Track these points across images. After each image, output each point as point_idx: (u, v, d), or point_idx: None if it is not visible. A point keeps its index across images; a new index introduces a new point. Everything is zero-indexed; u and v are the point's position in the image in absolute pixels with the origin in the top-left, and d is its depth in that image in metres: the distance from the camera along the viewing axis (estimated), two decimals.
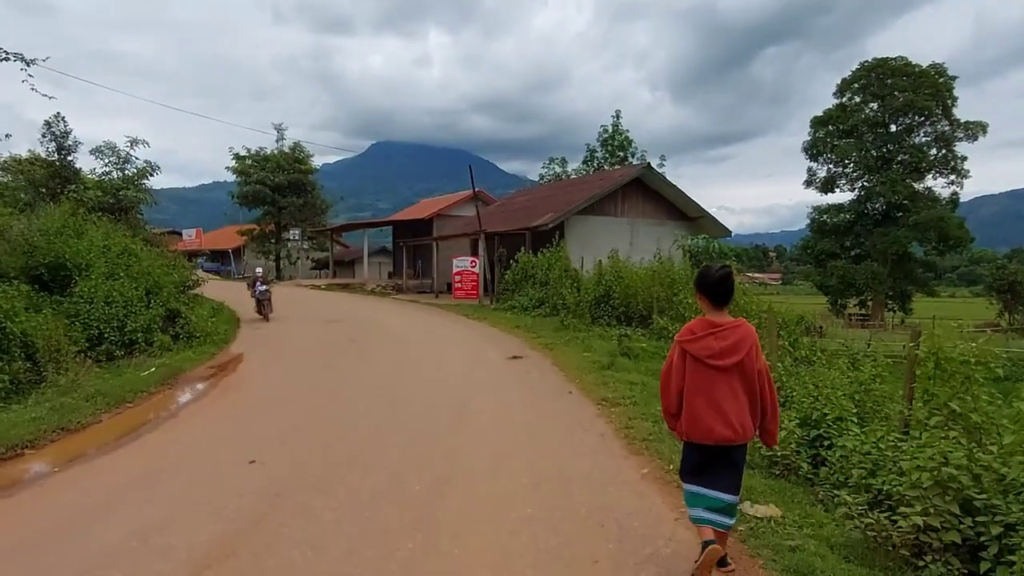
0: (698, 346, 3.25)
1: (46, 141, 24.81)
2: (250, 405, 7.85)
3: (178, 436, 6.39)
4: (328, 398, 8.16)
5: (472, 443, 5.84)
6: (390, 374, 9.87)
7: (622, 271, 15.07)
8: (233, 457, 5.45)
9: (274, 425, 6.66)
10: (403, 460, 5.30)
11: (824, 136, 44.61)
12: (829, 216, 44.46)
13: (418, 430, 6.33)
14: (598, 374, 8.80)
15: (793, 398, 6.41)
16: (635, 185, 25.38)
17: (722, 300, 3.33)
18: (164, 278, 14.63)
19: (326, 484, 4.73)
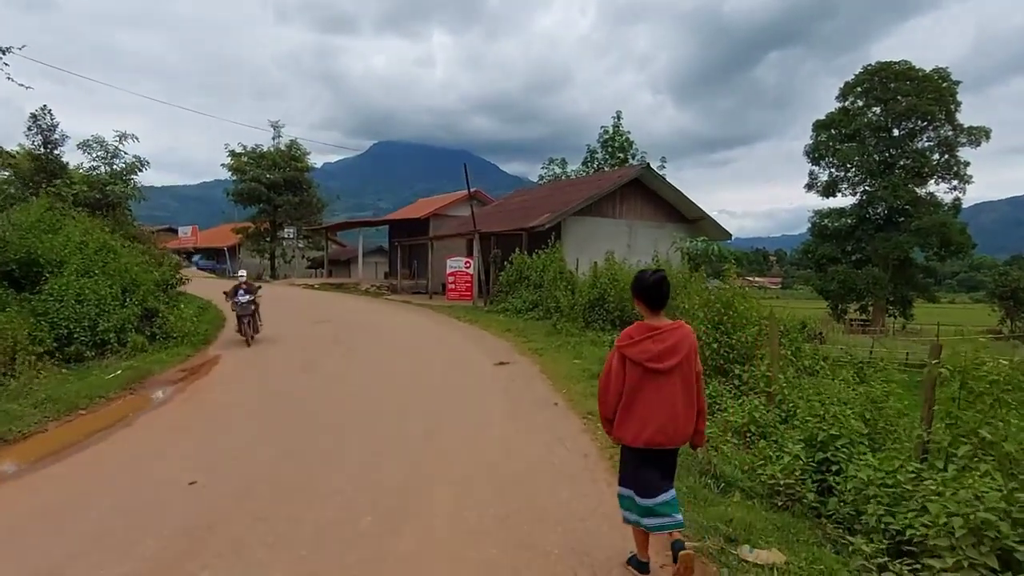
0: (637, 350, 3.24)
1: (32, 134, 24.30)
2: (211, 414, 7.31)
3: (123, 448, 5.84)
4: (296, 407, 7.60)
5: (440, 464, 5.28)
6: (368, 379, 9.32)
7: (617, 273, 14.48)
8: (176, 476, 4.90)
9: (230, 438, 6.11)
10: (359, 484, 4.75)
11: (826, 140, 44.16)
12: (830, 220, 44.01)
13: (383, 447, 5.78)
14: (587, 383, 8.23)
15: (797, 415, 5.85)
16: (634, 186, 24.85)
17: (658, 304, 3.36)
18: (143, 276, 14.08)
19: (269, 512, 4.18)
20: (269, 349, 12.77)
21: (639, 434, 3.23)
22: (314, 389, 8.64)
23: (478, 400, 7.81)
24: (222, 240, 53.23)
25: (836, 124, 43.55)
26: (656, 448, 3.24)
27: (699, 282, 12.96)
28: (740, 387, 7.89)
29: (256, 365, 10.91)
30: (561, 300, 15.50)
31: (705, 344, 8.60)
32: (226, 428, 6.56)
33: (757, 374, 7.66)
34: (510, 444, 5.85)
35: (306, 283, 35.03)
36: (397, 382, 9.07)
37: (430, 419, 6.82)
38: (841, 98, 43.79)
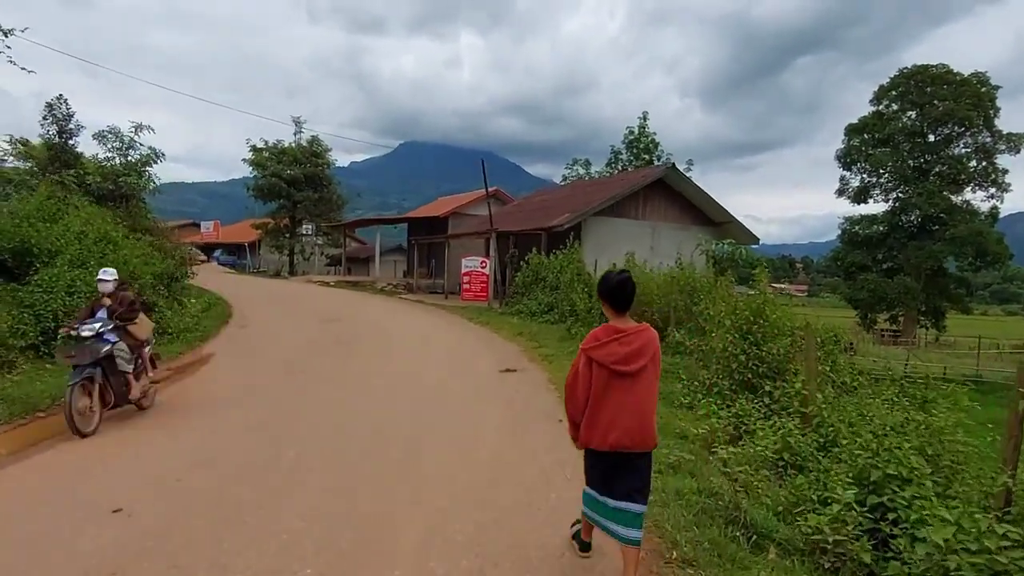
0: (603, 352, 3.20)
1: (47, 124, 24.08)
2: (177, 422, 6.58)
3: (63, 462, 5.13)
4: (270, 416, 6.85)
5: (415, 492, 4.48)
6: (360, 386, 8.58)
7: (637, 276, 13.59)
8: (106, 499, 4.18)
9: (187, 453, 5.38)
10: (313, 518, 3.96)
11: (859, 144, 42.72)
12: (861, 227, 42.58)
13: (354, 469, 4.99)
14: None
15: (838, 442, 4.98)
16: (658, 187, 23.92)
17: (622, 305, 3.31)
18: (143, 268, 13.53)
19: (191, 556, 3.41)
20: (267, 348, 12.14)
21: (605, 437, 3.17)
22: (299, 395, 7.92)
23: (475, 413, 7.01)
24: (243, 236, 53.16)
25: (869, 128, 42.11)
26: (623, 451, 3.18)
27: (725, 287, 12.05)
28: (771, 405, 7.00)
29: (247, 367, 10.24)
30: (577, 303, 14.64)
31: (732, 356, 7.72)
32: (186, 441, 5.82)
33: (791, 391, 6.77)
34: (502, 468, 5.03)
35: (322, 280, 34.57)
36: (391, 390, 8.31)
37: (416, 434, 6.04)
38: (875, 102, 42.30)
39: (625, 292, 3.29)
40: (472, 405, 7.39)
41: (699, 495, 4.20)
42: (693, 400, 7.53)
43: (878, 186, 42.24)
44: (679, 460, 4.86)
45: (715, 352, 8.22)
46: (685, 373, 9.03)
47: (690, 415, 6.93)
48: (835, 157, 44.23)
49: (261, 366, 10.15)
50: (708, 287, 12.44)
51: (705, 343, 9.09)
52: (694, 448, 5.60)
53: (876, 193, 42.35)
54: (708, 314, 10.21)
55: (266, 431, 6.12)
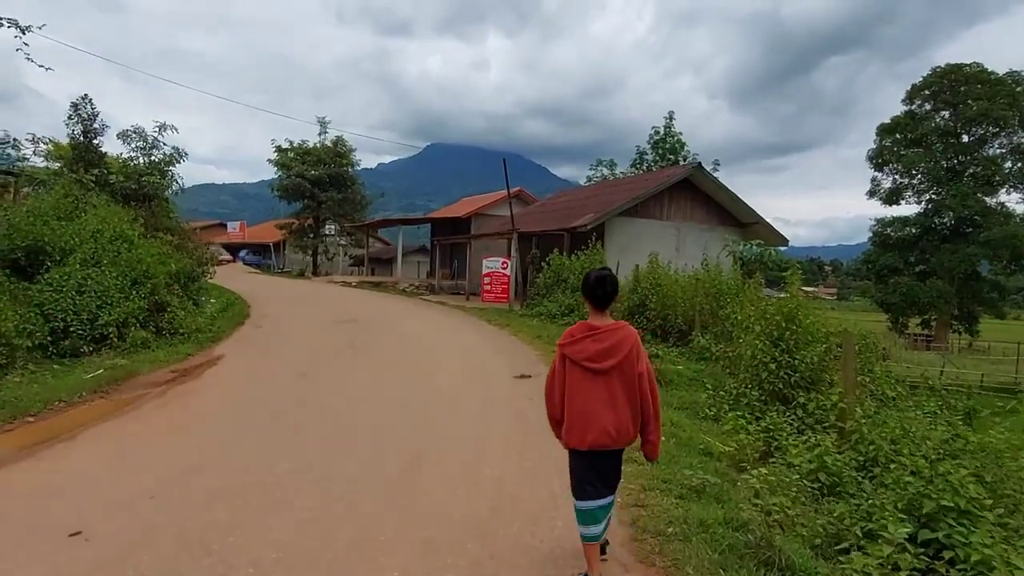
0: (575, 349, 3.22)
1: (72, 123, 24.26)
2: (169, 430, 6.25)
3: (36, 474, 4.81)
4: (267, 424, 6.48)
5: (405, 519, 4.02)
6: (367, 392, 8.20)
7: (660, 278, 13.03)
8: (70, 519, 3.83)
9: (169, 465, 5.02)
10: (287, 551, 3.49)
11: (891, 145, 41.59)
12: (893, 229, 41.34)
13: (344, 489, 4.54)
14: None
15: (888, 469, 4.44)
16: (684, 187, 23.31)
17: (601, 303, 3.30)
18: (157, 268, 13.36)
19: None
20: (278, 349, 11.87)
21: (584, 437, 3.16)
22: (301, 402, 7.54)
23: (483, 424, 6.56)
24: (269, 236, 53.47)
25: (901, 128, 40.94)
26: (601, 450, 3.19)
27: (754, 290, 11.48)
28: (804, 419, 6.46)
29: (253, 368, 9.95)
30: None
31: (761, 364, 7.18)
32: (172, 451, 5.45)
33: (827, 404, 6.23)
34: (505, 492, 4.55)
35: (344, 280, 34.46)
36: (399, 397, 7.90)
37: (419, 448, 5.61)
38: (907, 101, 41.07)
39: (604, 289, 3.27)
40: (481, 415, 6.93)
41: (726, 527, 3.70)
42: (719, 411, 7.02)
43: (910, 187, 41.12)
44: (703, 483, 4.35)
45: (743, 359, 7.69)
46: (710, 381, 8.49)
47: (715, 428, 6.42)
48: (866, 158, 43.19)
49: (268, 369, 9.84)
50: (735, 290, 11.88)
51: (732, 349, 8.55)
52: (720, 467, 5.10)
53: (908, 195, 41.25)
54: (735, 319, 9.66)
55: (260, 442, 5.75)
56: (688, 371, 9.15)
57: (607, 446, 3.16)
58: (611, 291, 3.30)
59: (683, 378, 8.75)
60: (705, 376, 9.09)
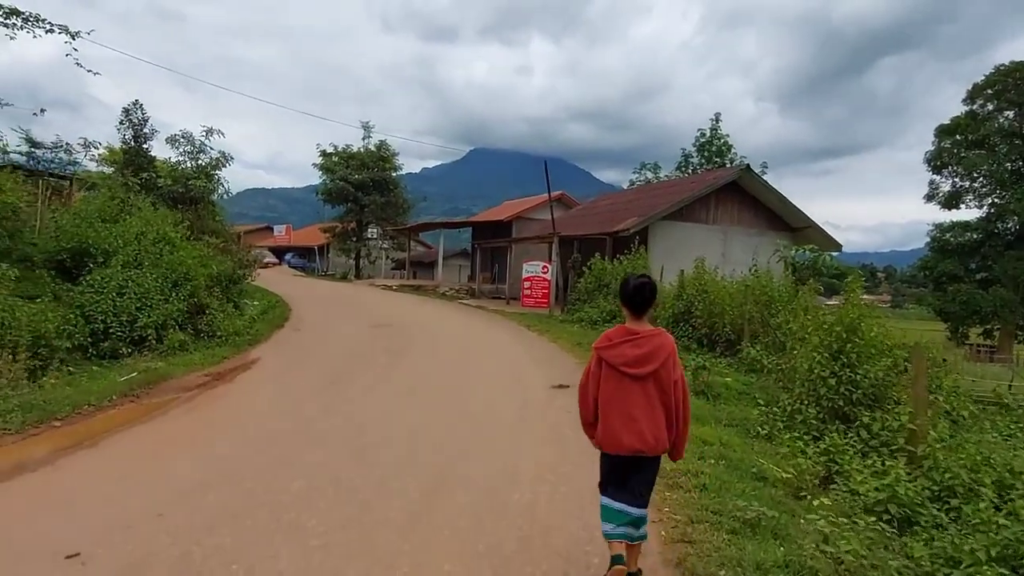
0: (613, 353, 3.20)
1: (124, 128, 24.87)
2: (190, 440, 6.05)
3: (49, 485, 4.62)
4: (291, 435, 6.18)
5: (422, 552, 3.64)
6: (396, 402, 7.89)
7: (707, 284, 12.42)
8: (70, 538, 3.59)
9: (183, 478, 4.78)
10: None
11: (950, 147, 39.65)
12: (953, 235, 39.31)
13: (360, 511, 4.18)
14: None
15: (978, 508, 3.90)
16: (731, 190, 22.55)
17: (640, 309, 3.29)
18: (198, 270, 13.41)
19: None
20: (313, 353, 11.73)
21: (620, 442, 3.14)
22: (328, 412, 7.26)
23: (515, 440, 6.17)
24: (314, 239, 54.19)
25: (962, 129, 38.96)
26: (636, 456, 3.16)
27: (808, 297, 10.83)
28: (868, 440, 5.89)
29: (285, 374, 9.78)
30: None
31: (820, 379, 6.62)
32: (185, 462, 5.19)
33: (894, 425, 5.66)
34: (536, 521, 4.13)
35: (385, 284, 34.54)
36: (429, 406, 7.57)
37: (444, 466, 5.24)
38: (968, 101, 39.10)
39: (643, 295, 3.26)
40: (515, 429, 6.54)
41: (787, 572, 3.23)
42: (772, 430, 6.48)
43: (971, 191, 38.98)
44: (759, 516, 3.88)
45: (798, 373, 7.13)
46: (762, 396, 7.94)
47: (769, 449, 5.89)
48: (924, 160, 41.34)
49: (299, 375, 9.66)
50: (787, 298, 11.24)
51: (786, 361, 7.97)
52: (776, 495, 4.60)
53: (969, 198, 39.02)
54: (789, 328, 9.07)
55: (278, 456, 5.46)
56: (737, 384, 8.58)
57: (643, 452, 3.13)
58: (649, 297, 3.28)
59: (732, 391, 8.19)
60: (755, 390, 8.51)
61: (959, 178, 39.51)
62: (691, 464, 5.07)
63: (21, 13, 13.06)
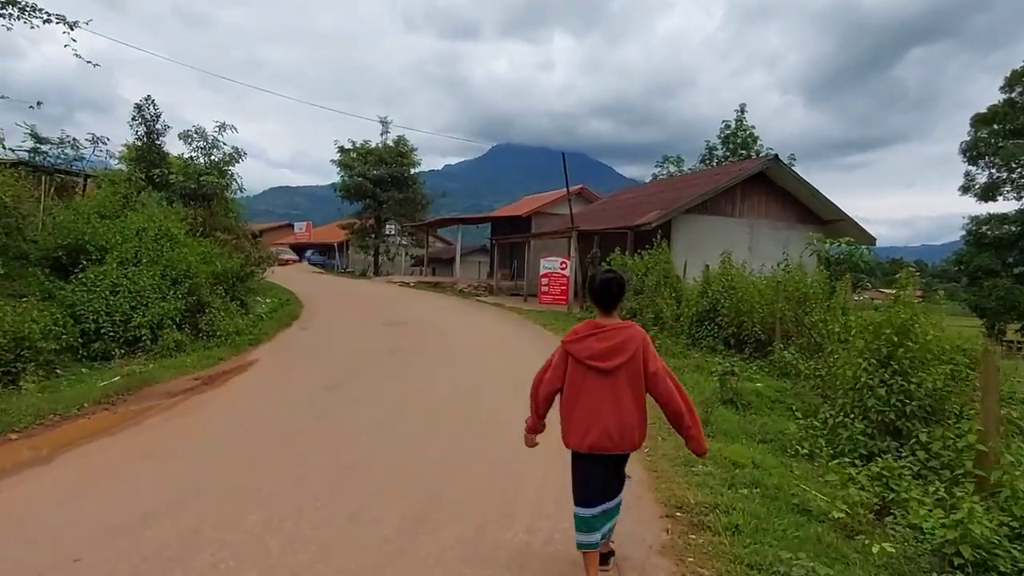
0: (579, 347, 3.14)
1: (136, 124, 24.57)
2: (153, 455, 5.40)
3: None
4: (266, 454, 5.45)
5: None
6: (398, 411, 7.21)
7: (734, 280, 11.54)
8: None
9: (127, 506, 4.10)
10: None
11: (987, 136, 38.04)
12: (990, 227, 37.80)
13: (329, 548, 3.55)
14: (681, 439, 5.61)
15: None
16: (758, 181, 21.53)
17: (607, 305, 3.25)
18: (200, 267, 12.91)
19: None
20: (316, 355, 11.14)
21: (583, 438, 3.08)
22: (317, 422, 6.61)
23: (518, 461, 5.45)
24: (333, 236, 53.94)
25: (1000, 118, 37.32)
26: (600, 453, 3.08)
27: (843, 294, 9.97)
28: (927, 462, 5.07)
29: (282, 377, 9.18)
30: (664, 310, 12.81)
31: (866, 388, 5.80)
32: (139, 487, 4.49)
33: (959, 445, 4.84)
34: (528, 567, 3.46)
35: (403, 281, 34.01)
36: (430, 419, 6.85)
37: (434, 492, 4.53)
38: (1006, 89, 37.37)
39: (610, 292, 3.22)
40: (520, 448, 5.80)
41: None
42: (813, 446, 5.67)
43: (1009, 182, 37.41)
44: (809, 574, 3.09)
45: (840, 380, 6.31)
46: (798, 405, 7.11)
47: (811, 471, 5.10)
48: (960, 151, 39.80)
49: (297, 379, 9.05)
50: (823, 294, 10.36)
51: (824, 366, 7.13)
52: (824, 533, 3.82)
53: (1006, 190, 37.42)
54: (827, 329, 8.22)
55: (246, 479, 4.80)
56: (769, 390, 7.72)
57: (607, 449, 3.06)
58: (617, 293, 3.24)
59: (764, 399, 7.35)
60: (790, 397, 7.66)
61: (996, 169, 38.16)
62: (720, 495, 4.31)
63: (17, 3, 12.62)
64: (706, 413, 6.00)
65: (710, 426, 5.83)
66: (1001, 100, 37.74)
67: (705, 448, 3.29)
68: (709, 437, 5.68)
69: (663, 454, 5.16)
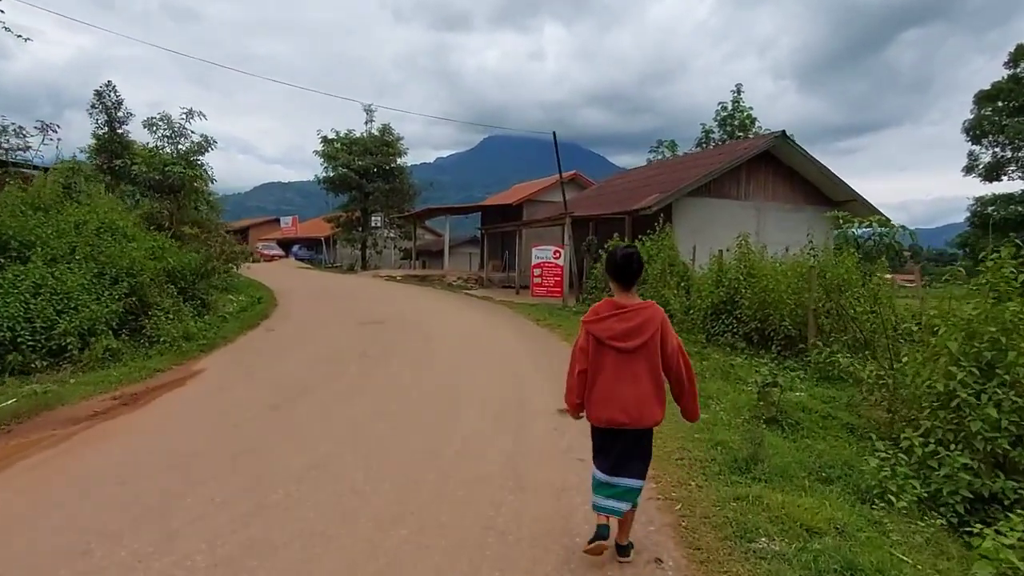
0: (600, 327, 3.12)
1: (96, 112, 22.95)
2: (8, 516, 3.94)
3: None
4: (156, 512, 4.11)
5: None
6: (344, 443, 5.75)
7: (755, 267, 10.03)
8: None
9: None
10: None
11: (991, 114, 36.99)
12: (997, 208, 36.74)
13: None
14: (726, 486, 4.13)
15: None
16: (764, 161, 20.08)
17: (627, 281, 3.19)
18: (147, 263, 11.39)
19: None
20: (271, 363, 9.64)
21: (601, 413, 3.11)
22: (245, 458, 5.15)
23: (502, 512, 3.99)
24: (322, 231, 52.27)
25: (1004, 95, 36.29)
26: (618, 428, 3.09)
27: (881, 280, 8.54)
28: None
29: (223, 394, 7.66)
30: (672, 303, 11.33)
31: (967, 407, 4.32)
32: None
33: None
34: None
35: (389, 274, 32.45)
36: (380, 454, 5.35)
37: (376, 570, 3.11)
38: (1010, 64, 36.25)
39: (631, 267, 3.17)
40: (499, 494, 4.34)
41: None
42: (888, 484, 4.18)
43: (1014, 161, 36.79)
44: None
45: (920, 392, 4.83)
46: (856, 421, 5.63)
47: (913, 535, 3.62)
48: (963, 130, 38.66)
49: (241, 395, 7.52)
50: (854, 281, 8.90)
51: (889, 372, 5.64)
52: None
53: (1011, 169, 36.95)
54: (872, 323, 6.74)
55: (115, 547, 3.35)
56: (815, 402, 6.19)
57: (624, 425, 3.06)
58: (637, 269, 3.18)
59: (812, 415, 5.83)
60: (841, 410, 6.14)
61: (1000, 148, 37.36)
62: None
63: None
64: (753, 448, 4.45)
65: (762, 464, 4.32)
66: (1005, 76, 36.64)
67: (697, 416, 3.36)
68: (760, 481, 4.19)
69: (702, 515, 3.66)
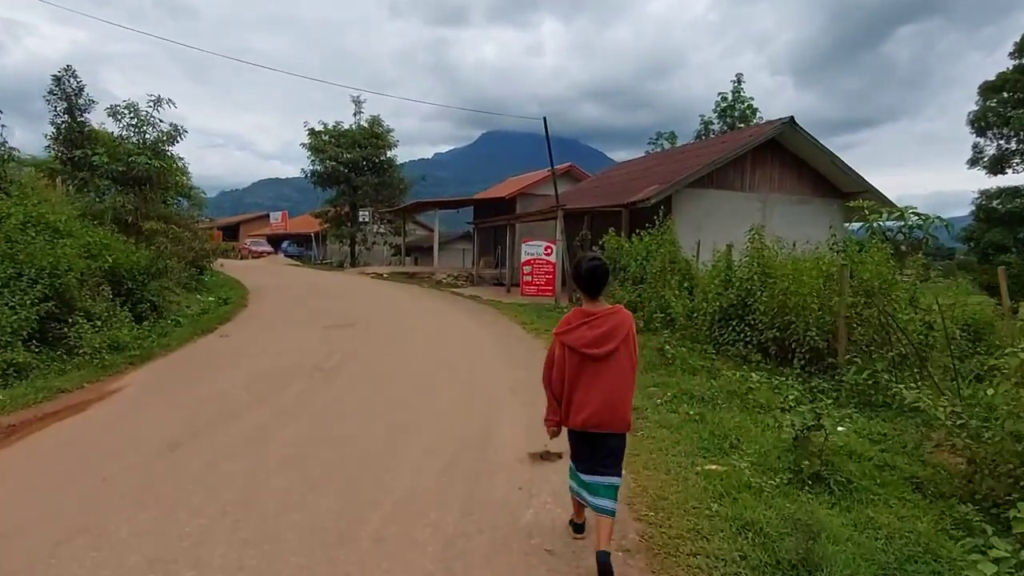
0: (573, 336, 3.23)
1: (55, 99, 21.45)
2: None
3: None
4: None
5: None
6: (270, 477, 4.39)
7: (771, 266, 8.56)
8: None
9: None
10: None
11: (996, 105, 35.85)
12: (1001, 201, 35.65)
13: None
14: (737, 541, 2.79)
15: None
16: (769, 150, 18.72)
17: (594, 291, 3.29)
18: (78, 262, 10.02)
19: None
20: (212, 376, 8.24)
21: (576, 417, 3.22)
22: (134, 509, 3.79)
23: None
24: (311, 226, 50.78)
25: (1009, 86, 35.09)
26: (593, 431, 3.20)
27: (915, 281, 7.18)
28: None
29: (138, 417, 6.28)
30: (674, 305, 9.93)
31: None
32: None
33: None
34: None
35: (375, 272, 31.00)
36: (279, 521, 3.95)
37: None
38: (1016, 54, 35.06)
39: (595, 278, 3.26)
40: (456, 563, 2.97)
41: None
42: (968, 544, 2.80)
43: (1019, 153, 35.42)
44: None
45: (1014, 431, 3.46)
46: (922, 467, 4.25)
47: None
48: (967, 122, 37.50)
49: (148, 425, 6.08)
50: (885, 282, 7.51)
51: (967, 407, 4.25)
52: None
53: (1017, 162, 35.55)
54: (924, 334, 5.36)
55: None
56: (863, 443, 4.70)
57: (598, 428, 3.17)
58: (602, 280, 3.27)
59: (864, 463, 4.33)
60: (898, 454, 4.66)
61: (1005, 139, 36.12)
62: None
63: None
64: (804, 543, 2.99)
65: (820, 574, 2.89)
66: (1010, 67, 35.55)
67: None
68: None
69: None
